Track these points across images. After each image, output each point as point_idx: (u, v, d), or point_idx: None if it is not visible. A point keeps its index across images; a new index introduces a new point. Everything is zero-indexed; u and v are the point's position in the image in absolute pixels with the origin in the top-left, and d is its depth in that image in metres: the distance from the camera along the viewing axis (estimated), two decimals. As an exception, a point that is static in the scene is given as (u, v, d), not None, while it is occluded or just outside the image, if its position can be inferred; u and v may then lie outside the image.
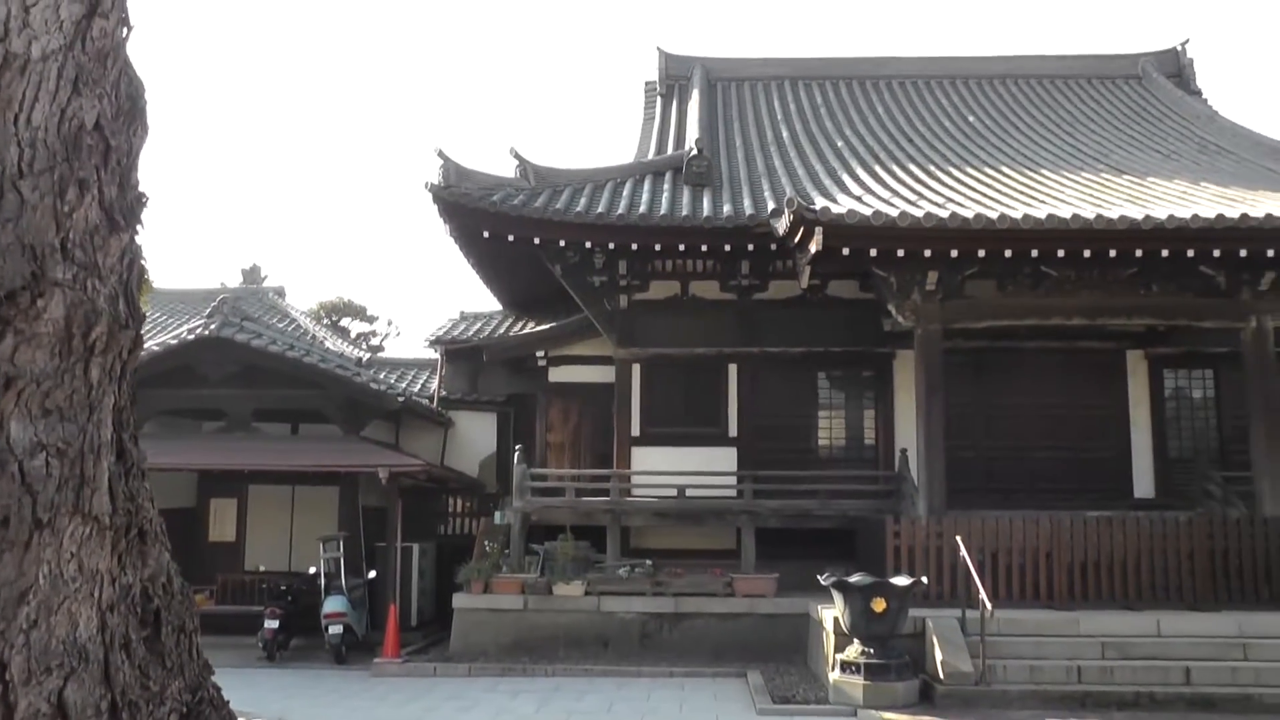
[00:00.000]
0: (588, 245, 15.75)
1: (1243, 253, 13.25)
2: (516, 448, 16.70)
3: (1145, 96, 23.01)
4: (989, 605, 11.17)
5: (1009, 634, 11.68)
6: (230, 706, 5.58)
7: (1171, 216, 12.78)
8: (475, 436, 20.42)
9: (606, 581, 14.61)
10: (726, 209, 15.54)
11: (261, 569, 17.38)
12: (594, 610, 14.33)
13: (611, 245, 15.72)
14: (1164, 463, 17.38)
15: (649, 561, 15.12)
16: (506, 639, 14.28)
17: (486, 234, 15.75)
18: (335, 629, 14.76)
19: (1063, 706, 10.68)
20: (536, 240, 15.68)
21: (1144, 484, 17.24)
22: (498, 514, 16.95)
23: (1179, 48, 24.51)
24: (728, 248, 15.53)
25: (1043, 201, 14.05)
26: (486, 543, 16.12)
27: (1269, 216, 12.77)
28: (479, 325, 20.99)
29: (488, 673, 13.34)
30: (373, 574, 16.10)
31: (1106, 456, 17.20)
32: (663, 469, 16.23)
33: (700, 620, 14.18)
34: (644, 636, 14.17)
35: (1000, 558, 12.89)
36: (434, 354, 21.20)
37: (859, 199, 14.20)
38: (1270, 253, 13.28)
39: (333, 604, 14.99)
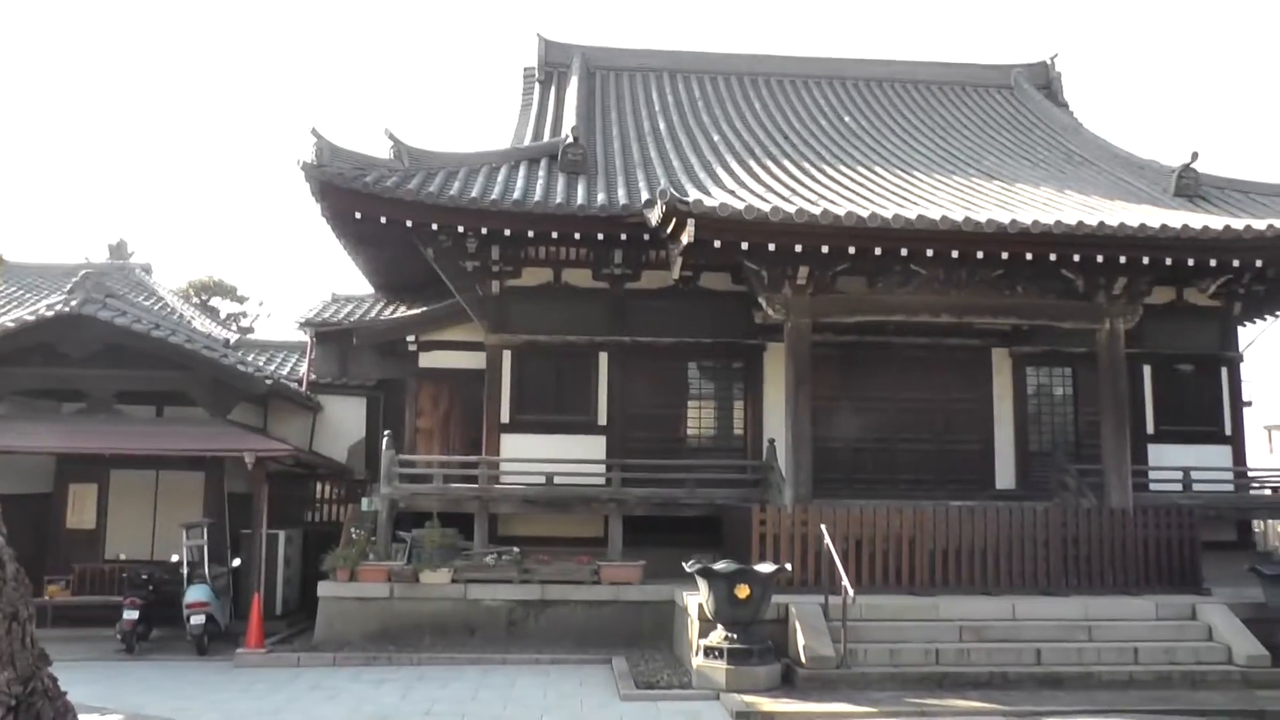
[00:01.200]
0: (460, 230, 15.55)
1: (1099, 258, 13.82)
2: (385, 433, 16.39)
3: (1016, 106, 23.65)
4: (851, 591, 11.45)
5: (871, 619, 12.02)
6: (68, 698, 5.28)
7: (1036, 222, 13.22)
8: (344, 421, 20.04)
9: (473, 569, 14.48)
10: (601, 198, 15.52)
11: (122, 557, 16.66)
12: (460, 598, 14.20)
13: (484, 230, 15.54)
14: (1025, 456, 18.03)
15: (516, 549, 15.04)
16: (372, 627, 14.06)
17: (359, 215, 15.40)
18: (198, 619, 14.27)
19: (920, 687, 11.03)
20: (409, 223, 15.40)
21: (1006, 476, 17.87)
22: (365, 501, 16.64)
23: (1048, 61, 25.23)
24: (601, 236, 15.53)
25: (914, 203, 14.33)
26: (354, 530, 15.83)
27: (1122, 225, 13.34)
28: (350, 308, 20.60)
29: (352, 662, 13.10)
30: (237, 562, 15.65)
31: (971, 449, 17.79)
32: (532, 456, 16.18)
33: (567, 607, 14.18)
34: (510, 624, 14.11)
35: (864, 545, 13.20)
36: (304, 336, 20.70)
37: (732, 193, 14.27)
38: (1123, 259, 13.87)
39: (195, 593, 14.49)
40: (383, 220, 15.35)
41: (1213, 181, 18.45)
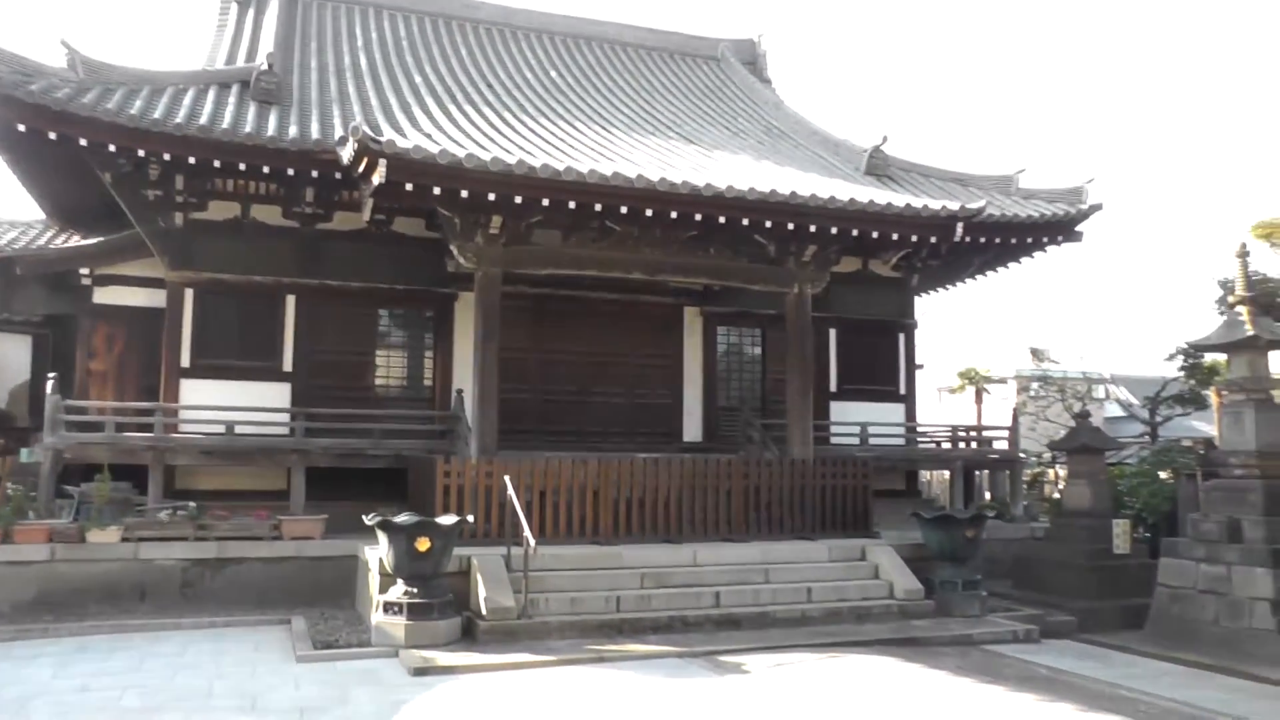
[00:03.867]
0: (141, 154, 14.22)
1: (791, 226, 14.38)
2: (51, 376, 14.95)
3: (722, 78, 24.17)
4: (533, 541, 11.48)
5: (554, 568, 12.12)
6: None
7: (731, 187, 13.58)
8: (6, 361, 18.18)
9: (146, 526, 13.39)
10: (293, 131, 14.65)
11: None
12: (131, 558, 13.05)
13: (167, 156, 14.29)
14: (713, 410, 18.72)
15: (193, 504, 14.04)
16: (28, 595, 12.61)
17: (23, 128, 13.80)
18: None
19: (601, 634, 11.26)
20: (84, 142, 13.94)
21: (693, 429, 18.49)
22: (25, 451, 15.22)
23: (755, 39, 25.90)
24: (292, 172, 14.65)
25: (612, 160, 14.37)
26: (10, 485, 14.38)
27: (814, 196, 13.96)
28: (15, 234, 18.55)
29: (1, 636, 11.55)
30: None
31: (660, 404, 18.30)
32: (213, 403, 15.26)
33: (245, 565, 13.38)
34: (185, 585, 13.17)
35: (549, 496, 13.26)
36: (-39, 264, 18.57)
37: (429, 136, 13.90)
38: (813, 228, 14.52)
39: None
40: (52, 136, 13.83)
41: (899, 164, 19.65)
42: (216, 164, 14.53)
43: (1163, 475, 17.43)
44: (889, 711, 8.88)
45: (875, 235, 14.90)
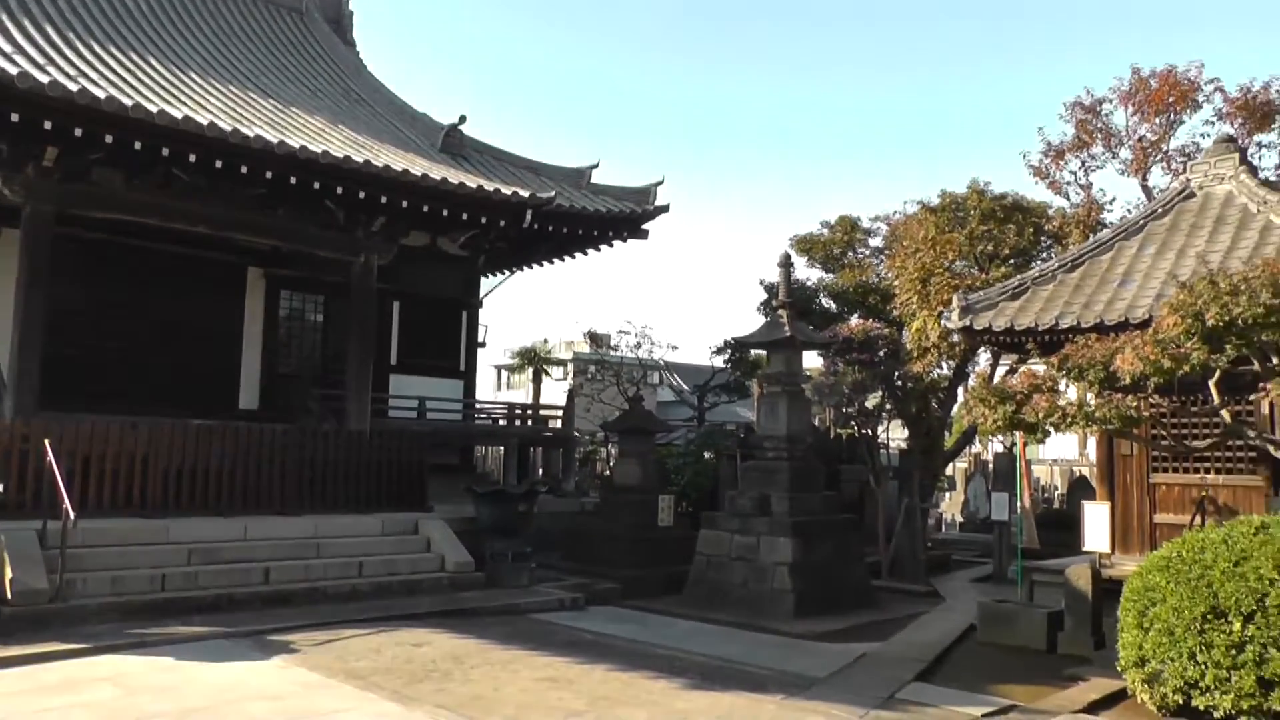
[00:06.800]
0: None
1: (361, 195, 14.23)
2: None
3: (304, 33, 23.08)
4: (72, 515, 10.61)
5: (95, 545, 11.33)
6: None
7: (304, 148, 13.25)
8: None
9: None
10: None
11: None
12: None
13: None
14: (271, 378, 18.14)
15: None
16: None
17: None
18: None
19: (144, 616, 10.64)
20: None
21: (250, 396, 17.86)
22: None
23: (341, -4, 25.31)
24: None
25: (184, 103, 13.52)
26: None
27: (388, 168, 13.95)
28: None
29: None
30: None
31: (218, 367, 17.50)
32: None
33: None
34: None
35: (94, 464, 12.25)
36: None
37: (-23, 48, 12.28)
38: (384, 199, 14.45)
39: None
40: None
41: (475, 145, 19.93)
42: None
43: (707, 456, 19.24)
44: (448, 678, 9.00)
45: (446, 213, 15.13)
